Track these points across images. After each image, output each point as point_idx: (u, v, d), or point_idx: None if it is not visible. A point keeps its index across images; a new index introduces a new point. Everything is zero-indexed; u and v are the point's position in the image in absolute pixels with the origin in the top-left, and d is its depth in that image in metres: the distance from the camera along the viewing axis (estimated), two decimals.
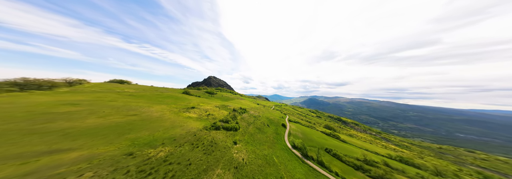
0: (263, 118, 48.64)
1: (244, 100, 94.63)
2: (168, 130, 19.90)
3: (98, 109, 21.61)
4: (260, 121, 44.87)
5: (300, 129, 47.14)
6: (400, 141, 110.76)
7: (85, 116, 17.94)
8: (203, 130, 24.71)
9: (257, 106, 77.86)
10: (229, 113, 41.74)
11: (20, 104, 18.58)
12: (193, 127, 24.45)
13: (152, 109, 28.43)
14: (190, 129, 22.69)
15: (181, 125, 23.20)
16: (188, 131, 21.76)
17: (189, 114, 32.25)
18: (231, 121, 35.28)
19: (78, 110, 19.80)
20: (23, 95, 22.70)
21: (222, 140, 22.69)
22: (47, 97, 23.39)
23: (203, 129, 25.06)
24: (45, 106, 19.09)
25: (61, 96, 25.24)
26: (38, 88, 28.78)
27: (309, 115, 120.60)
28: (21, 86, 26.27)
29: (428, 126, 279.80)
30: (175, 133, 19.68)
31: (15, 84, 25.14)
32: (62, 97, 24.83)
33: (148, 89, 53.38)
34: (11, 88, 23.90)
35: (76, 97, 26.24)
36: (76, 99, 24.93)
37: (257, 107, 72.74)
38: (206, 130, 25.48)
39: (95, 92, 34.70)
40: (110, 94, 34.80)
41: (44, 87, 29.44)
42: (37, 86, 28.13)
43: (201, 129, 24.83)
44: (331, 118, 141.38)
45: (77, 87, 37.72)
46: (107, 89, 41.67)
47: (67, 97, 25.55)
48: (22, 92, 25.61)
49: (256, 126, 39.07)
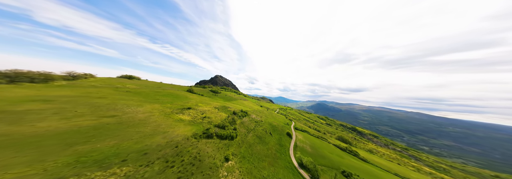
0: (266, 124, 42.87)
1: (247, 101, 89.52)
2: (145, 138, 15.61)
3: (72, 108, 18.38)
4: (262, 127, 39.24)
5: (309, 141, 40.28)
6: (434, 161, 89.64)
7: (45, 117, 14.57)
8: (191, 138, 20.06)
9: (260, 109, 71.57)
10: (228, 116, 36.91)
11: None
12: (180, 134, 19.97)
13: (140, 109, 24.83)
14: (174, 137, 18.20)
15: (165, 132, 18.87)
16: (170, 141, 17.30)
17: (182, 116, 28.14)
18: (228, 127, 30.34)
19: (45, 108, 16.68)
20: None
21: (210, 155, 17.73)
22: (24, 91, 20.94)
23: (191, 138, 20.39)
24: (8, 101, 16.24)
25: (41, 91, 22.75)
26: (31, 81, 27.17)
27: (318, 121, 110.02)
28: (12, 78, 24.87)
29: (475, 146, 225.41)
30: (152, 143, 15.31)
31: (4, 76, 23.75)
32: (42, 91, 22.33)
33: (151, 86, 51.24)
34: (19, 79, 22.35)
35: (59, 92, 23.71)
36: (57, 94, 22.30)
37: (260, 110, 66.98)
38: (195, 138, 20.75)
39: (91, 87, 32.55)
40: (105, 90, 32.34)
41: (37, 79, 27.89)
42: (29, 79, 26.58)
43: (189, 137, 20.20)
44: (343, 127, 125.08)
45: (77, 81, 36.24)
46: (107, 84, 39.83)
47: (48, 92, 23.11)
48: (9, 84, 23.95)
49: (257, 134, 33.55)
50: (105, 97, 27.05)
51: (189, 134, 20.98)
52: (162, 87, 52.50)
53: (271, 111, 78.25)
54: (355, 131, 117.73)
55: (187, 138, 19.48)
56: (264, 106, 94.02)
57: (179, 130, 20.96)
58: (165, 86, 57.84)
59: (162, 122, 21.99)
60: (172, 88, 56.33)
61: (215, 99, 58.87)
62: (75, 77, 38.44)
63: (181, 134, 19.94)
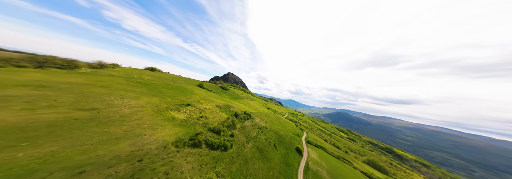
0: (271, 132, 35.66)
1: (254, 101, 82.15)
2: (105, 144, 11.43)
3: (56, 96, 16.68)
4: (265, 136, 32.38)
5: (326, 162, 30.35)
6: None
7: (8, 106, 12.66)
8: (170, 146, 15.46)
9: (266, 112, 63.57)
10: (229, 118, 31.75)
11: None
12: (159, 138, 15.65)
13: (132, 102, 22.35)
14: (147, 144, 13.79)
15: (140, 134, 14.88)
16: (138, 149, 12.99)
17: (176, 113, 24.59)
18: (225, 132, 25.01)
19: (25, 94, 15.25)
20: (19, 70, 21.73)
21: (184, 177, 12.65)
22: (34, 75, 20.75)
23: (172, 145, 15.81)
24: None
25: (52, 76, 22.60)
26: (59, 67, 29.15)
27: (336, 134, 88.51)
28: (40, 63, 26.95)
29: None
30: (109, 152, 10.84)
31: (34, 61, 25.91)
32: (52, 77, 22.10)
33: (165, 78, 51.76)
34: (23, 63, 24.22)
35: (66, 79, 23.58)
36: (60, 81, 21.88)
37: (266, 113, 59.31)
38: (177, 146, 16.04)
39: (107, 76, 33.32)
40: (117, 79, 32.37)
41: (64, 66, 29.90)
42: (57, 65, 28.56)
43: (169, 144, 15.65)
44: (373, 145, 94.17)
45: (101, 70, 38.59)
46: (126, 74, 41.04)
47: (58, 77, 23.12)
48: (36, 68, 25.77)
49: (258, 145, 27.03)
50: (107, 87, 26.14)
51: (171, 139, 16.54)
52: (175, 80, 52.25)
53: (278, 116, 68.86)
54: (391, 153, 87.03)
55: (165, 146, 14.92)
56: (271, 109, 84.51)
57: (161, 133, 16.82)
58: (179, 79, 57.92)
59: (147, 121, 18.51)
60: (185, 82, 55.77)
61: (221, 96, 55.34)
62: (102, 66, 41.09)
63: (161, 139, 15.65)
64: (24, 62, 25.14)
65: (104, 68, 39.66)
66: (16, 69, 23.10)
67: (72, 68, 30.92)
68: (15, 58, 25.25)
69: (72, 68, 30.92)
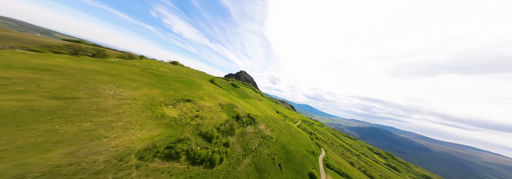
0: (277, 144, 27.88)
1: (262, 102, 72.95)
2: (31, 149, 7.78)
3: (48, 82, 15.39)
4: (269, 149, 25.18)
5: None
6: None
7: None
8: (131, 157, 10.58)
9: (274, 116, 54.23)
10: (228, 120, 26.38)
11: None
12: (122, 144, 10.92)
13: (127, 93, 20.24)
14: (95, 154, 9.23)
15: (100, 137, 10.52)
16: (75, 162, 8.26)
17: (169, 110, 21.19)
18: (218, 138, 19.69)
19: (15, 77, 14.34)
20: (48, 55, 23.54)
21: None
22: (57, 60, 21.39)
23: (135, 156, 11.17)
24: (8, 67, 15.55)
25: (72, 62, 23.01)
26: (92, 55, 31.97)
27: (368, 155, 61.89)
28: (75, 50, 29.91)
29: None
30: (17, 167, 6.90)
31: (70, 48, 28.90)
32: (70, 63, 22.59)
33: (181, 71, 52.19)
34: (58, 50, 26.96)
35: (83, 65, 24.02)
36: (73, 66, 22.04)
37: (275, 118, 50.15)
38: (141, 158, 11.19)
39: (127, 65, 34.64)
40: (133, 69, 32.73)
41: (97, 55, 32.69)
42: (90, 53, 31.39)
43: (132, 154, 10.64)
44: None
45: (127, 60, 41.33)
46: (147, 65, 42.52)
47: (76, 64, 23.64)
48: (71, 55, 28.42)
49: (257, 162, 20.37)
50: (116, 75, 25.67)
51: (140, 146, 12.33)
52: (189, 74, 51.87)
53: (289, 123, 56.16)
54: None
55: (122, 158, 10.35)
56: (281, 113, 72.00)
57: (132, 136, 12.99)
58: (194, 73, 57.76)
59: (127, 117, 15.36)
60: (199, 77, 54.87)
61: (228, 93, 51.17)
62: (130, 57, 44.55)
63: (125, 145, 11.56)
64: (63, 49, 28.19)
65: (132, 59, 42.33)
66: (51, 54, 25.67)
67: (101, 57, 33.33)
68: (58, 45, 28.58)
69: (101, 57, 33.33)
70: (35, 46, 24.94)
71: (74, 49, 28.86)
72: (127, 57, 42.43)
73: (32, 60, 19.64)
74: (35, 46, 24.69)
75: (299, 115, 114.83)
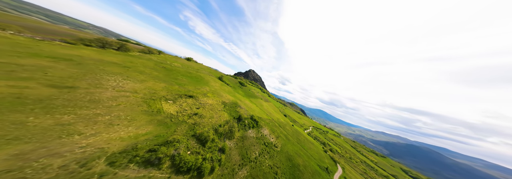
0: (282, 155, 23.32)
1: (269, 103, 66.81)
2: None
3: (59, 70, 15.41)
4: (272, 161, 21.05)
5: None
6: None
7: None
8: (99, 162, 8.45)
9: (281, 120, 47.63)
10: (228, 121, 23.58)
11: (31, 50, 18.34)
12: (94, 144, 9.37)
13: (128, 86, 19.71)
14: (52, 156, 7.77)
15: (72, 134, 9.19)
16: (19, 168, 6.67)
17: (168, 105, 19.80)
18: (214, 142, 17.01)
19: (31, 64, 14.96)
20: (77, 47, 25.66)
21: None
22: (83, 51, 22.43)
23: (105, 161, 8.68)
24: (31, 54, 16.62)
25: (94, 53, 24.09)
26: (117, 49, 34.74)
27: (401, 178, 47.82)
28: (103, 44, 32.82)
29: None
30: None
31: (99, 42, 31.86)
32: (93, 54, 23.48)
33: (192, 67, 52.87)
34: (89, 43, 29.73)
35: (107, 57, 25.41)
36: (96, 58, 22.97)
37: (281, 123, 44.24)
38: (111, 164, 8.75)
39: (145, 59, 36.27)
40: (148, 63, 33.78)
41: (120, 48, 35.43)
42: (115, 47, 34.18)
43: (102, 157, 8.82)
44: None
45: (146, 55, 43.80)
46: (163, 59, 44.36)
47: (101, 56, 25.11)
48: (99, 48, 31.12)
49: (255, 177, 16.78)
50: (128, 67, 26.20)
51: (117, 148, 10.41)
52: (199, 70, 52.04)
53: (298, 129, 48.64)
54: None
55: (86, 163, 8.12)
56: (289, 117, 63.83)
57: (113, 134, 11.38)
58: (204, 70, 57.94)
59: (118, 111, 14.22)
60: (209, 73, 54.66)
61: (234, 91, 48.66)
62: (150, 52, 47.63)
63: (98, 145, 9.69)
64: (93, 42, 31.15)
65: (150, 54, 44.88)
66: (82, 46, 28.37)
67: (124, 50, 35.91)
68: (89, 39, 31.78)
69: (124, 50, 35.91)
70: (71, 39, 27.82)
71: (102, 43, 31.34)
72: (147, 52, 45.05)
73: (61, 50, 21.35)
74: (71, 39, 27.54)
75: (311, 120, 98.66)
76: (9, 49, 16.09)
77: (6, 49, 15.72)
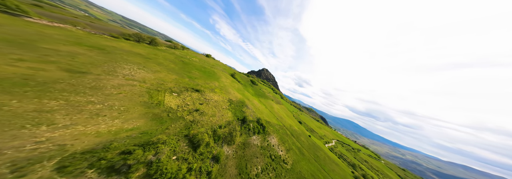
0: (292, 176, 17.06)
1: (281, 105, 58.03)
2: None
3: (86, 57, 16.51)
4: None
5: None
6: None
7: (22, 54, 12.88)
8: (44, 165, 6.72)
9: (295, 128, 38.42)
10: (231, 122, 19.95)
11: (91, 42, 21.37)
12: (54, 140, 7.86)
13: (139, 75, 19.49)
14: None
15: (42, 123, 8.17)
16: None
17: (171, 98, 18.34)
18: (208, 147, 13.82)
19: (65, 51, 16.67)
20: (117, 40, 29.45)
21: None
22: (116, 43, 25.08)
23: (54, 164, 6.93)
24: (68, 42, 19.00)
25: (128, 45, 26.68)
26: (148, 43, 39.23)
27: None
28: (139, 38, 37.50)
29: None
30: None
31: (137, 37, 36.65)
32: (126, 46, 26.05)
33: (209, 62, 53.33)
34: (128, 38, 34.35)
35: (137, 49, 27.83)
36: (124, 49, 25.58)
37: (295, 131, 36.08)
38: (58, 170, 6.87)
39: (168, 53, 38.90)
40: (169, 56, 35.48)
41: (152, 43, 39.80)
42: (148, 42, 38.67)
43: (52, 159, 7.15)
44: None
45: (172, 49, 47.34)
46: (184, 54, 46.79)
47: (130, 47, 28.13)
48: (135, 42, 35.65)
49: None
50: (150, 59, 27.57)
51: (83, 146, 8.16)
52: (214, 66, 52.15)
53: (316, 141, 36.76)
54: None
55: (22, 167, 6.35)
56: (305, 124, 51.26)
57: (91, 127, 9.55)
58: (219, 66, 57.72)
59: (117, 99, 13.40)
60: (223, 70, 54.03)
61: (244, 89, 44.80)
62: (175, 47, 52.07)
63: (63, 141, 7.69)
64: (131, 37, 35.98)
65: (175, 49, 48.68)
66: (123, 40, 32.86)
67: (154, 45, 40.08)
68: (128, 33, 36.89)
69: (154, 45, 40.08)
70: (117, 33, 32.65)
71: (138, 37, 35.52)
72: (173, 47, 49.16)
73: (102, 42, 24.56)
74: (116, 34, 32.33)
75: (334, 132, 76.14)
76: (63, 38, 19.12)
77: (60, 39, 18.68)
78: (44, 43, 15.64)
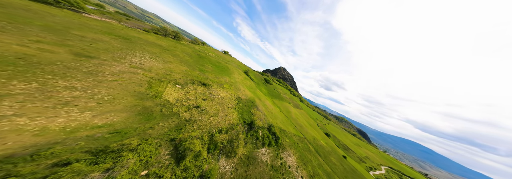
0: None
1: (300, 110, 47.23)
2: None
3: (105, 43, 16.93)
4: None
5: None
6: None
7: (42, 37, 13.18)
8: None
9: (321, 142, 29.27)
10: (234, 126, 14.99)
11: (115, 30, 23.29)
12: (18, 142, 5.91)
13: (148, 64, 17.90)
14: None
15: None
16: None
17: (172, 90, 15.73)
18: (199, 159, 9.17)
19: (91, 37, 17.16)
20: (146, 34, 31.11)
21: None
22: (146, 36, 26.70)
23: None
24: (105, 33, 20.11)
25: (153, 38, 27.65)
26: (173, 37, 41.53)
27: None
28: (166, 33, 39.98)
29: None
30: None
31: (164, 31, 39.06)
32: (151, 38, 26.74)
33: (224, 58, 50.78)
34: (157, 32, 36.90)
35: (159, 41, 28.72)
36: (147, 40, 26.10)
37: (321, 147, 27.19)
38: None
39: (187, 46, 39.36)
40: (187, 49, 35.67)
41: (175, 37, 41.89)
42: (173, 36, 40.98)
43: None
44: None
45: (192, 44, 48.48)
46: (202, 49, 46.70)
47: (153, 39, 28.54)
48: (162, 36, 38.29)
49: None
50: (167, 50, 27.35)
51: (6, 150, 6.51)
52: (229, 62, 49.65)
53: (355, 166, 26.65)
54: None
55: None
56: (334, 138, 37.05)
57: (44, 121, 6.90)
58: (233, 62, 54.75)
59: (108, 88, 11.55)
60: (237, 67, 51.01)
61: (257, 87, 38.89)
62: (196, 42, 53.93)
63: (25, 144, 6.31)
64: (159, 31, 38.73)
65: (196, 44, 50.21)
66: (152, 34, 35.39)
67: (178, 39, 42.20)
68: (157, 28, 39.77)
69: (178, 39, 42.20)
70: (149, 28, 35.69)
71: (165, 32, 37.86)
72: (194, 42, 50.93)
73: (132, 33, 26.24)
74: (148, 28, 35.35)
75: (383, 154, 51.41)
76: (98, 28, 20.87)
77: (96, 29, 20.39)
78: (77, 30, 16.76)
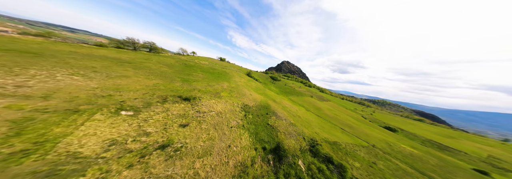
0: None
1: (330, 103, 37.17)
2: None
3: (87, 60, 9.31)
4: None
5: None
6: None
7: None
8: None
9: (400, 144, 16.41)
10: (244, 167, 5.65)
11: None
12: None
13: (49, 86, 10.07)
14: None
15: None
16: None
17: (109, 125, 6.71)
18: None
19: None
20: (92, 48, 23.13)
21: None
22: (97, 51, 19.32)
23: None
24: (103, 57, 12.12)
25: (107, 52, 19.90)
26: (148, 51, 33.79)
27: None
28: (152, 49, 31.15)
29: None
30: None
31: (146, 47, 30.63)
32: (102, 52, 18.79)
33: (221, 65, 44.61)
34: (120, 46, 27.33)
35: (113, 54, 20.46)
36: (89, 54, 18.36)
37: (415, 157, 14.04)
38: None
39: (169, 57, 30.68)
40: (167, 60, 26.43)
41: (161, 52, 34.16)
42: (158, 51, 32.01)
43: None
44: None
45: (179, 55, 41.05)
46: (191, 59, 39.45)
47: (102, 53, 20.77)
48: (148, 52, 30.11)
49: None
50: (130, 63, 18.88)
51: None
52: (227, 67, 42.56)
53: None
54: None
55: None
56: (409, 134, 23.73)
57: None
58: (232, 67, 48.21)
59: None
60: (237, 70, 44.02)
61: (266, 87, 30.99)
62: (183, 53, 47.17)
63: None
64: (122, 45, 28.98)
65: (183, 55, 43.25)
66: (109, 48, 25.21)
67: (156, 52, 34.72)
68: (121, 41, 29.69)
69: (156, 52, 34.72)
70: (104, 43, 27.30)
71: (133, 45, 30.18)
72: (181, 53, 44.26)
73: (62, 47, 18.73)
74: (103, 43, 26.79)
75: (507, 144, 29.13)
76: None
77: None
78: None
